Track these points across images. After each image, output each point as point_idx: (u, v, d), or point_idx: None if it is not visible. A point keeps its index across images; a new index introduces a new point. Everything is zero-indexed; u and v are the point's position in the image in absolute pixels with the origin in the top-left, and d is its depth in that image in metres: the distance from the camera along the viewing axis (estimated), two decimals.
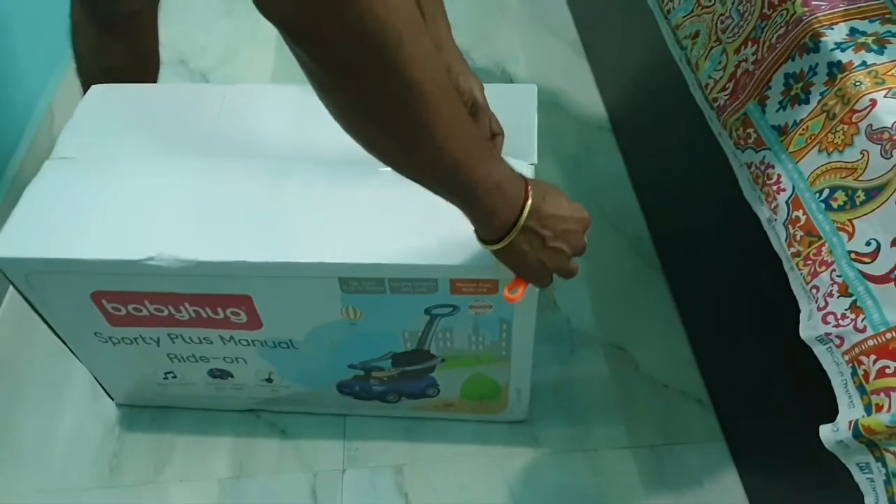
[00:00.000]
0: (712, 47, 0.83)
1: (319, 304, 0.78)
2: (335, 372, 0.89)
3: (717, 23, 0.82)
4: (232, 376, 0.91)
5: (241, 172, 0.80)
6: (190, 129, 0.85)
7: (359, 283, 0.75)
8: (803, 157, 0.67)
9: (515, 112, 0.84)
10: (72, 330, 0.85)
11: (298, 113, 0.85)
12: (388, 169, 0.70)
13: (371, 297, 0.76)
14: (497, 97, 0.88)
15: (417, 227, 0.74)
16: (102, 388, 0.97)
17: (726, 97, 0.79)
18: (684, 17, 0.89)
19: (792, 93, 0.70)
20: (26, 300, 0.80)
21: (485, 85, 0.92)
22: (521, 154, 0.80)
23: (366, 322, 0.80)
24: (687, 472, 0.93)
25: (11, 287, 0.78)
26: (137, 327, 0.83)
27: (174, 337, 0.84)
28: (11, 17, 1.22)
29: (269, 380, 0.91)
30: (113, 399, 0.99)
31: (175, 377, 0.92)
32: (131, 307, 0.80)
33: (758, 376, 0.89)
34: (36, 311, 0.82)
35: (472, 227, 0.66)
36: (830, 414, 0.62)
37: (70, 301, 0.79)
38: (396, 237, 0.74)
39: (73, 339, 0.87)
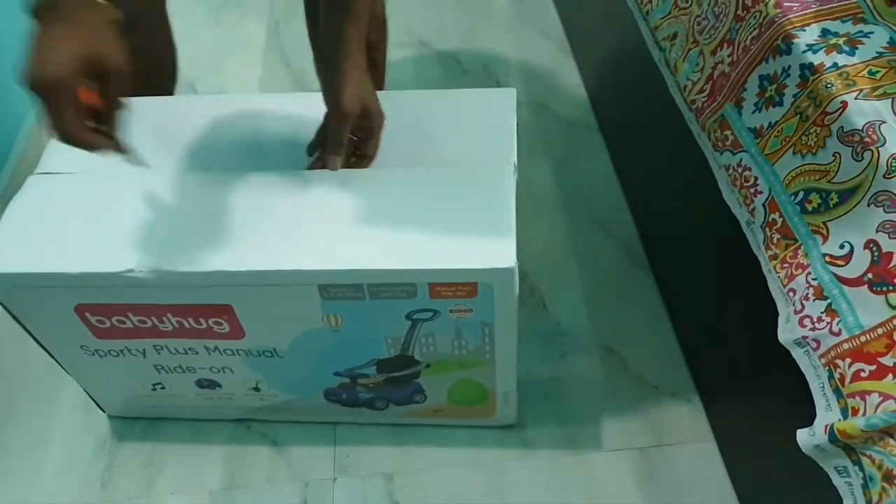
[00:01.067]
0: (690, 49, 0.83)
1: (300, 313, 0.78)
2: (321, 380, 0.90)
3: (693, 24, 0.82)
4: (220, 386, 0.92)
5: (221, 184, 0.80)
6: (169, 142, 0.85)
7: (338, 289, 0.75)
8: (779, 159, 0.67)
9: (495, 115, 0.85)
10: (59, 344, 0.86)
11: (278, 123, 0.86)
12: (366, 176, 0.75)
13: (351, 304, 0.77)
14: (477, 102, 0.89)
15: (394, 233, 0.75)
16: (93, 400, 0.97)
17: (704, 99, 0.79)
18: (662, 18, 0.89)
19: (766, 95, 0.70)
20: (12, 315, 0.81)
21: (464, 91, 0.93)
22: (502, 155, 0.81)
23: (348, 329, 0.80)
24: (678, 472, 0.93)
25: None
26: (123, 339, 0.84)
27: (160, 348, 0.85)
28: None
29: (256, 389, 0.92)
30: (105, 411, 1.00)
31: (164, 388, 0.93)
32: (115, 319, 0.80)
33: (747, 376, 0.89)
34: (22, 326, 0.83)
35: (450, 231, 0.72)
36: (812, 417, 0.62)
37: (55, 315, 0.80)
38: (373, 243, 0.74)
39: (61, 353, 0.88)
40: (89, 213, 0.79)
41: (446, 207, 0.77)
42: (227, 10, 1.67)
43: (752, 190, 0.71)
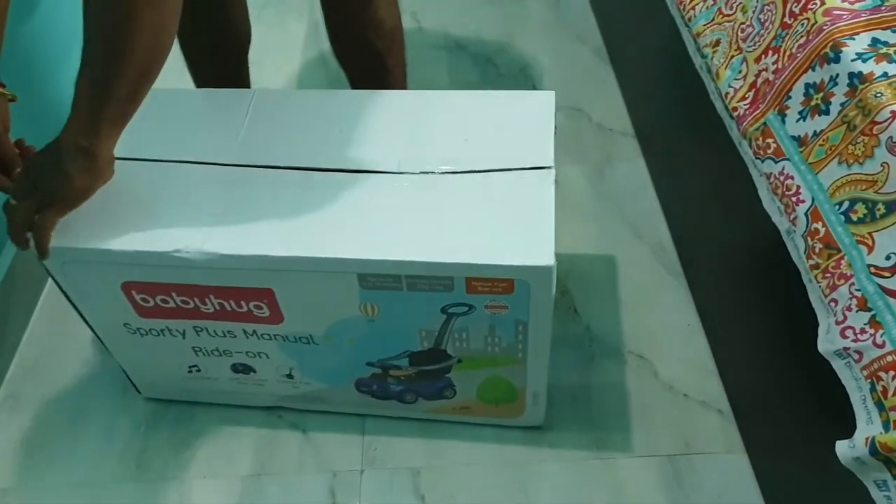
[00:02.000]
0: (733, 56, 0.82)
1: (339, 300, 0.80)
2: (354, 369, 0.91)
3: (737, 31, 0.82)
4: (254, 371, 0.93)
5: (267, 174, 0.83)
6: (221, 132, 0.88)
7: (376, 279, 0.76)
8: (823, 168, 0.67)
9: (533, 118, 0.86)
10: (103, 320, 0.89)
11: (325, 117, 0.89)
12: (410, 173, 0.79)
13: (388, 294, 0.78)
14: (515, 103, 0.89)
15: (435, 227, 0.77)
16: (131, 381, 1.00)
17: (746, 106, 0.79)
18: (705, 25, 0.89)
19: (812, 103, 0.69)
20: (61, 290, 0.84)
21: (503, 92, 0.93)
22: (538, 159, 0.81)
23: (383, 319, 0.81)
24: (705, 482, 0.93)
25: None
26: (164, 319, 0.86)
27: (199, 330, 0.87)
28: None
29: (289, 376, 0.93)
30: (140, 392, 1.02)
31: (199, 371, 0.95)
32: (159, 298, 0.83)
33: (781, 388, 0.88)
34: (70, 302, 0.86)
35: (489, 229, 0.74)
36: (854, 428, 0.61)
37: (102, 291, 0.83)
38: (414, 236, 0.76)
39: (104, 331, 0.91)
40: (143, 196, 0.82)
41: (486, 206, 0.78)
42: (269, 9, 1.69)
43: (794, 199, 0.70)
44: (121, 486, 0.95)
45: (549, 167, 0.81)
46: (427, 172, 0.81)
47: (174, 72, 1.06)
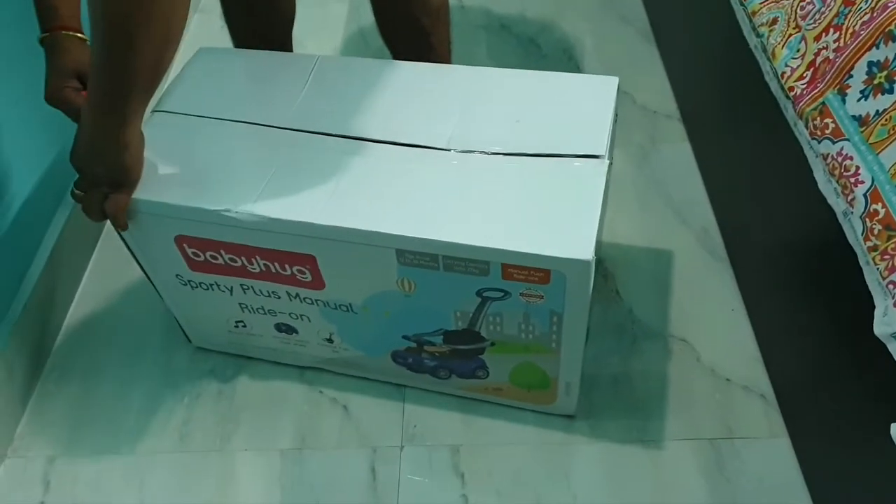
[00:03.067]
0: (791, 35, 0.81)
1: (377, 273, 0.80)
2: (390, 341, 0.92)
3: (796, 9, 0.80)
4: (297, 332, 0.95)
5: (320, 140, 0.84)
6: (280, 94, 0.90)
7: (414, 256, 0.77)
8: (885, 148, 0.65)
9: (591, 103, 0.84)
10: (158, 271, 0.92)
11: (383, 88, 0.89)
12: (458, 150, 0.79)
13: (425, 272, 0.78)
14: (575, 86, 0.88)
15: (477, 211, 0.76)
16: (182, 330, 1.04)
17: (804, 86, 0.77)
18: (761, 3, 0.87)
19: (875, 82, 0.67)
20: (122, 239, 0.88)
21: (565, 74, 0.91)
22: (591, 147, 0.80)
23: (419, 296, 0.82)
24: (747, 467, 0.92)
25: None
26: (213, 274, 0.88)
27: (246, 288, 0.89)
28: None
29: (329, 340, 0.95)
30: (191, 341, 1.06)
31: (245, 326, 0.97)
32: (209, 254, 0.85)
33: (826, 373, 0.87)
34: (129, 250, 0.90)
35: (531, 216, 0.73)
36: None
37: (157, 241, 0.86)
38: (455, 217, 0.76)
39: (159, 280, 0.94)
40: (200, 152, 0.85)
41: (531, 192, 0.77)
42: None
43: (852, 179, 0.69)
44: (164, 456, 0.97)
45: (601, 156, 0.79)
46: (475, 151, 0.81)
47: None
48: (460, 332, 0.86)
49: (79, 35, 0.83)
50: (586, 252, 0.71)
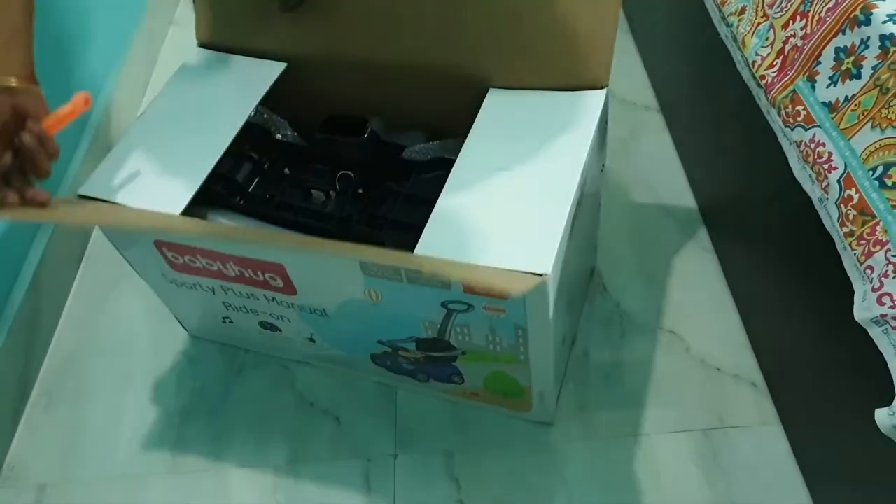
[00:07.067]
0: (759, 23, 0.80)
1: (345, 282, 0.80)
2: (367, 345, 0.92)
3: None
4: (280, 330, 0.96)
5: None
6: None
7: (378, 269, 0.76)
8: (855, 133, 0.65)
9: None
10: (145, 269, 0.93)
11: None
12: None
13: (390, 284, 0.77)
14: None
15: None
16: (178, 320, 1.06)
17: (774, 74, 0.77)
18: None
19: (843, 67, 0.67)
20: (111, 240, 0.89)
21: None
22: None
23: (387, 306, 0.81)
24: (741, 455, 0.92)
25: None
26: (194, 276, 0.89)
27: (226, 289, 0.90)
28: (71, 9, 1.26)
29: (311, 340, 0.96)
30: (186, 330, 1.08)
31: (232, 323, 0.99)
32: (187, 258, 0.86)
33: (815, 358, 0.87)
34: (121, 253, 0.91)
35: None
36: (893, 395, 0.60)
37: (141, 245, 0.87)
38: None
39: (148, 278, 0.95)
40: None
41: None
42: None
43: (825, 166, 0.69)
44: (156, 478, 0.96)
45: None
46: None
47: None
48: (431, 340, 0.85)
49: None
50: (543, 268, 0.68)
